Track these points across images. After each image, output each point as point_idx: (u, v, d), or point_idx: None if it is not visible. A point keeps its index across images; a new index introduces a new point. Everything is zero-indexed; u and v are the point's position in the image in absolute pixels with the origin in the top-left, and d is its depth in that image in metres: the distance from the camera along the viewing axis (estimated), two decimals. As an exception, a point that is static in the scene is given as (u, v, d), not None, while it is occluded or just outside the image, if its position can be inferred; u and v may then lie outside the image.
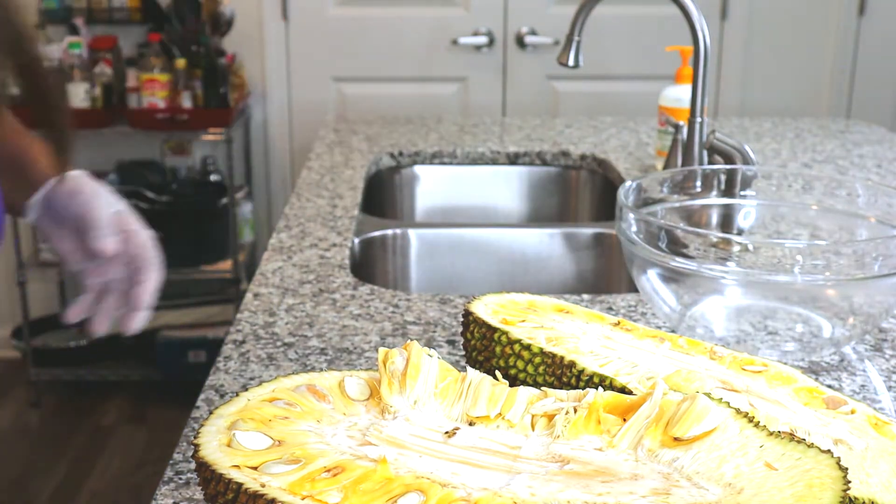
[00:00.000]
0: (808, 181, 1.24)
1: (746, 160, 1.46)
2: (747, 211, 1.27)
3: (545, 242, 1.66)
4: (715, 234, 1.14)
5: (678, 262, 1.02)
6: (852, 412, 0.76)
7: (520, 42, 3.12)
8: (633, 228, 1.08)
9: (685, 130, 1.65)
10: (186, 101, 2.91)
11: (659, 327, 1.16)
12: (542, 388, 0.74)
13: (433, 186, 2.13)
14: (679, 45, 1.91)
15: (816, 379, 0.96)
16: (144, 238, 0.99)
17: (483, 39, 3.10)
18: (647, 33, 3.06)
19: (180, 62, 2.89)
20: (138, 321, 0.99)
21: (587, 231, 1.67)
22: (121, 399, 3.18)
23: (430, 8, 3.11)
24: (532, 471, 0.63)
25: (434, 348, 1.10)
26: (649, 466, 0.63)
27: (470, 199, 2.13)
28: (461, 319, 1.18)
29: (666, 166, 1.74)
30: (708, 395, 0.66)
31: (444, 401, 0.71)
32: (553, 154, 2.13)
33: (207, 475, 0.63)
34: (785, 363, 0.89)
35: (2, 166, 1.01)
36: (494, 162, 2.13)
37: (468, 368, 0.75)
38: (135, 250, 0.99)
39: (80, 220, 0.97)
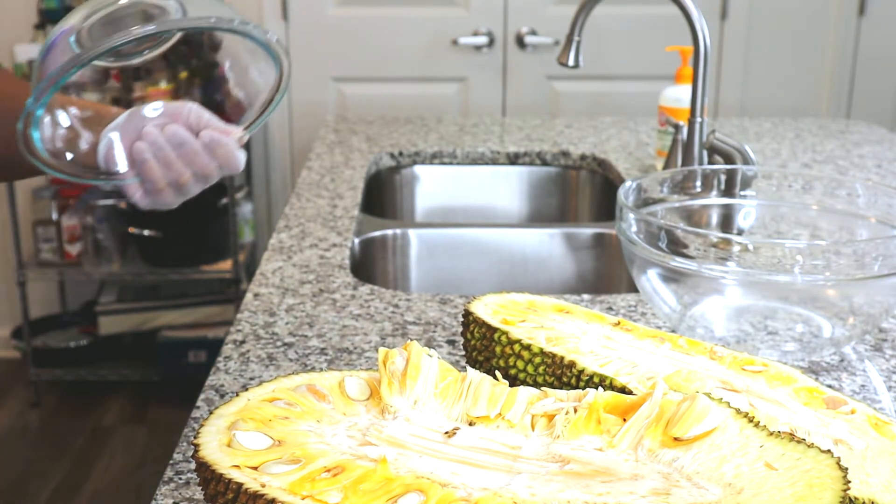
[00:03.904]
0: (808, 181, 1.24)
1: (746, 160, 1.46)
2: (747, 211, 1.27)
3: (545, 242, 1.66)
4: (715, 234, 1.14)
5: (678, 262, 1.02)
6: (852, 412, 0.76)
7: (520, 42, 3.12)
8: (633, 228, 1.08)
9: (685, 130, 1.65)
10: (186, 102, 2.91)
11: (659, 327, 1.16)
12: (542, 388, 0.74)
13: (433, 186, 2.13)
14: (679, 45, 1.92)
15: (816, 379, 0.96)
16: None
17: (483, 39, 3.10)
18: (647, 33, 3.06)
19: (183, 75, 2.89)
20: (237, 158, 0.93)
21: (587, 231, 1.67)
22: (121, 399, 3.18)
23: (430, 8, 3.11)
24: (532, 471, 0.63)
25: (434, 348, 1.10)
26: (649, 466, 0.63)
27: (470, 199, 2.13)
28: (461, 319, 1.18)
29: (666, 166, 1.74)
30: (708, 395, 0.66)
31: (444, 401, 0.71)
32: (553, 154, 2.13)
33: (207, 475, 0.63)
34: (785, 363, 0.89)
35: None
36: (494, 162, 2.13)
37: (468, 368, 0.75)
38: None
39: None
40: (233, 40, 0.91)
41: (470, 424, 0.69)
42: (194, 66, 0.94)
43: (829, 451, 0.61)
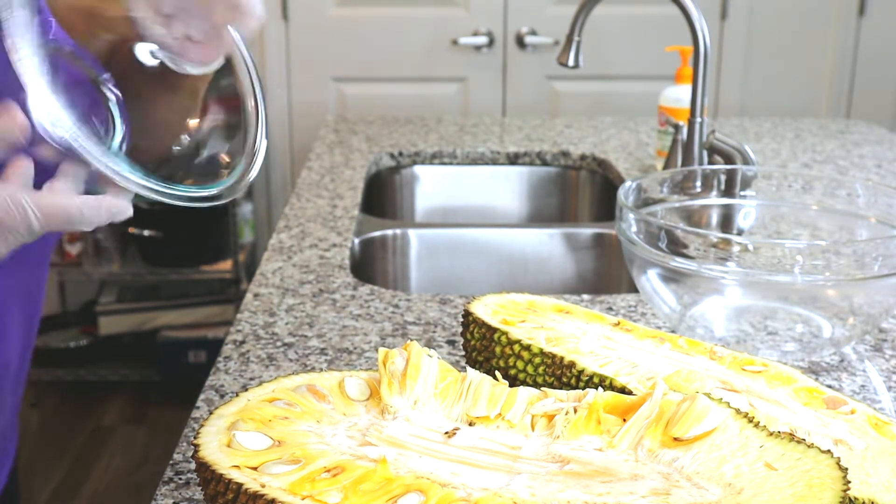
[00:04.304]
0: (808, 181, 1.24)
1: (746, 160, 1.46)
2: (747, 211, 1.27)
3: (545, 242, 1.66)
4: (715, 234, 1.14)
5: (678, 262, 1.02)
6: (852, 412, 0.76)
7: (520, 42, 3.12)
8: (633, 228, 1.08)
9: (685, 130, 1.65)
10: (186, 101, 2.91)
11: (659, 327, 1.16)
12: (542, 388, 0.74)
13: (433, 186, 2.13)
14: (679, 45, 1.91)
15: (816, 379, 0.96)
16: None
17: (483, 39, 3.10)
18: (647, 33, 3.06)
19: (180, 62, 2.89)
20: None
21: (587, 231, 1.67)
22: (121, 399, 3.18)
23: (430, 8, 3.11)
24: (532, 471, 0.63)
25: (434, 348, 1.10)
26: (649, 466, 0.63)
27: (470, 199, 2.13)
28: (461, 319, 1.18)
29: (666, 166, 1.74)
30: (708, 395, 0.66)
31: (444, 401, 0.71)
32: (553, 154, 2.13)
33: (207, 475, 0.62)
34: (785, 363, 0.89)
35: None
36: (494, 162, 2.13)
37: (468, 369, 0.75)
38: None
39: None
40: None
41: (470, 425, 0.69)
42: None
43: (829, 451, 0.60)
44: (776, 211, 1.25)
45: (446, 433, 0.67)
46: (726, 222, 1.29)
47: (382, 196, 2.11)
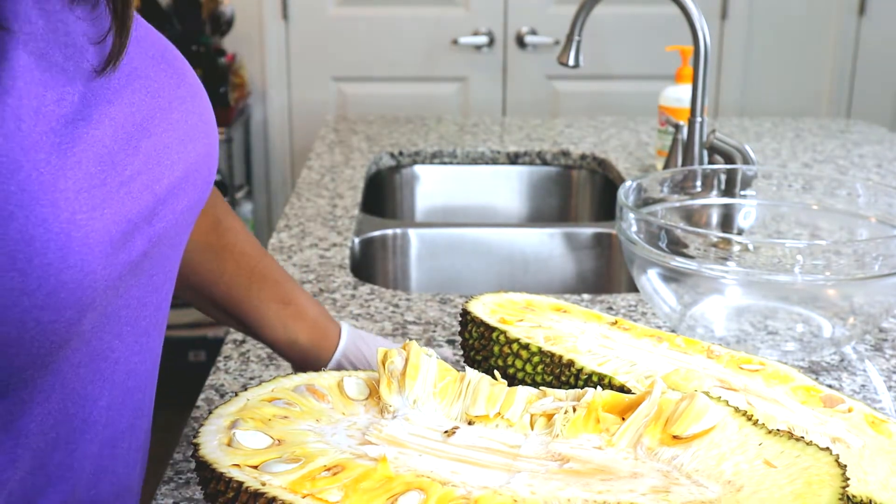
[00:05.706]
0: (808, 181, 1.24)
1: (746, 160, 1.46)
2: (747, 211, 1.27)
3: (545, 242, 1.66)
4: (715, 234, 1.14)
5: (678, 262, 1.03)
6: (849, 410, 0.76)
7: (520, 42, 3.12)
8: (634, 228, 1.08)
9: (685, 130, 1.65)
10: (187, 102, 2.91)
11: (659, 327, 1.16)
12: (541, 387, 0.74)
13: (433, 186, 2.13)
14: (679, 45, 1.92)
15: (817, 378, 0.96)
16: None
17: (483, 39, 3.10)
18: (647, 33, 3.07)
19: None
20: None
21: (587, 231, 1.67)
22: (121, 399, 3.18)
23: (430, 8, 3.11)
24: (532, 469, 0.63)
25: (434, 348, 1.11)
26: (649, 464, 0.63)
27: (470, 199, 2.13)
28: (459, 319, 1.19)
29: (666, 166, 1.74)
30: (706, 393, 0.66)
31: (444, 400, 0.71)
32: (553, 154, 2.13)
33: (207, 474, 0.63)
34: (785, 363, 0.89)
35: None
36: (494, 162, 2.13)
37: (467, 368, 0.75)
38: None
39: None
40: None
41: (469, 423, 0.69)
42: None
43: (827, 448, 0.61)
44: (776, 211, 1.25)
45: (446, 432, 0.67)
46: (726, 222, 1.29)
47: (382, 196, 2.11)
